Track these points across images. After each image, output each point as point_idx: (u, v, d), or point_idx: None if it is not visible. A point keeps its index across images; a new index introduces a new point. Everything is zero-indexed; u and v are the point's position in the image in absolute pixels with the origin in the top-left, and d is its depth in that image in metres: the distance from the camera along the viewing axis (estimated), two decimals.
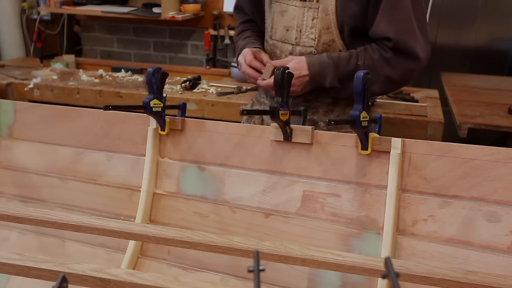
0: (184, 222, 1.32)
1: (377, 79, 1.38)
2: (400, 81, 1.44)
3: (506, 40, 3.25)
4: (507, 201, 1.05)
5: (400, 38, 1.35)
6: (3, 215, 0.97)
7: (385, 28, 1.36)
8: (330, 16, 1.41)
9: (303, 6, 1.45)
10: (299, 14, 1.46)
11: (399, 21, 1.36)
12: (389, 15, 1.35)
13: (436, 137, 2.06)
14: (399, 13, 1.35)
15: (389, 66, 1.39)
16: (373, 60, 1.39)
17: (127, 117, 1.40)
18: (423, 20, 1.40)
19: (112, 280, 0.74)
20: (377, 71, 1.37)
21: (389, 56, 1.38)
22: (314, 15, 1.43)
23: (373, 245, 1.15)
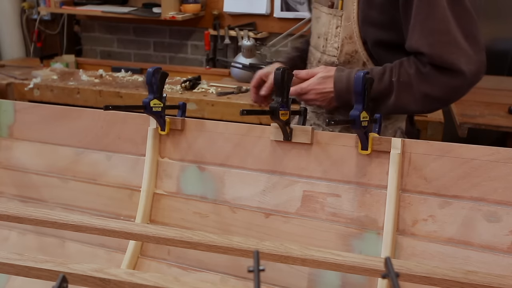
0: (184, 222, 1.32)
1: (414, 97, 1.23)
2: (443, 99, 1.25)
3: (506, 40, 3.25)
4: (507, 201, 1.05)
5: (435, 53, 1.18)
6: (3, 215, 0.97)
7: (418, 42, 1.20)
8: (352, 25, 1.32)
9: (330, 13, 1.37)
10: (326, 22, 1.39)
11: (434, 33, 1.18)
12: (421, 26, 1.18)
13: (436, 137, 2.06)
14: (433, 23, 1.18)
15: (427, 82, 1.21)
16: (409, 75, 1.23)
17: (127, 117, 1.40)
18: (468, 25, 1.20)
19: (112, 280, 0.74)
20: (413, 88, 1.23)
21: (427, 71, 1.21)
22: (338, 23, 1.35)
23: (373, 245, 1.15)
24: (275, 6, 3.26)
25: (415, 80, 1.22)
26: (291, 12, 3.24)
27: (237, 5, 3.32)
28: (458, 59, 1.17)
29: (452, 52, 1.18)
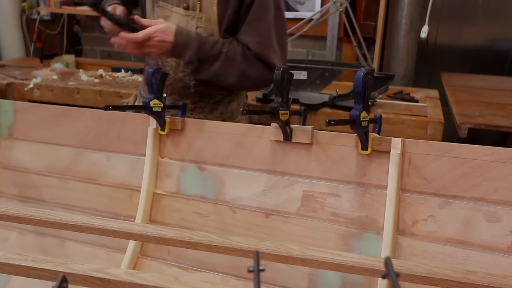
0: (184, 222, 1.32)
1: (234, 70, 1.49)
2: (255, 81, 1.54)
3: (506, 40, 3.25)
4: (507, 201, 1.05)
5: (258, 50, 1.48)
6: (3, 215, 0.97)
7: (247, 38, 1.48)
8: (213, 25, 1.51)
9: (187, 15, 1.52)
10: (182, 22, 1.52)
11: (260, 34, 1.49)
12: (253, 27, 1.48)
13: (436, 137, 2.06)
14: (262, 27, 1.48)
15: (247, 63, 1.48)
16: (235, 52, 1.47)
17: (127, 117, 1.40)
18: (282, 35, 1.55)
19: (112, 280, 0.74)
20: (236, 63, 1.47)
21: (249, 56, 1.49)
22: (197, 24, 1.51)
23: (373, 245, 1.15)
24: None
25: (239, 57, 1.48)
26: (291, 12, 3.24)
27: None
28: (274, 58, 1.49)
29: (270, 52, 1.49)
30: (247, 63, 1.49)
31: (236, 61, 1.48)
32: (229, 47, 1.48)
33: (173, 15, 1.54)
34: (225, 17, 1.50)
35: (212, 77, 1.52)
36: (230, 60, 1.47)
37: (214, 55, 1.46)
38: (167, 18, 1.55)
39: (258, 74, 1.51)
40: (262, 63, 1.49)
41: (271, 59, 1.49)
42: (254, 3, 1.47)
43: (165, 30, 1.42)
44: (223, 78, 1.51)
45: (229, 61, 1.47)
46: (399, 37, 2.93)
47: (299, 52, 3.41)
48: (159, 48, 1.43)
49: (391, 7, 2.98)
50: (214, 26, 1.52)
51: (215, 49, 1.47)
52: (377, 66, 3.00)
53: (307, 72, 2.28)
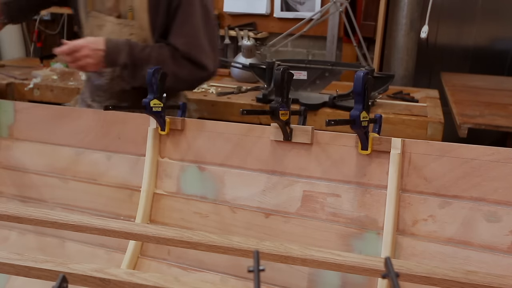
0: (184, 222, 1.32)
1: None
2: (189, 81, 1.61)
3: (506, 40, 3.24)
4: (507, 201, 1.05)
5: (186, 50, 1.54)
6: (3, 215, 0.97)
7: (176, 40, 1.55)
8: (146, 32, 1.57)
9: (119, 23, 1.58)
10: (115, 30, 1.57)
11: (188, 35, 1.55)
12: (180, 29, 1.55)
13: (436, 137, 2.06)
14: (188, 28, 1.55)
15: (177, 65, 1.54)
16: (164, 56, 1.54)
17: (127, 117, 1.40)
18: (212, 35, 1.62)
19: (112, 280, 0.74)
20: (166, 66, 1.49)
21: (178, 58, 1.55)
22: (131, 31, 1.57)
23: (373, 245, 1.15)
24: (275, 6, 3.26)
25: (168, 60, 1.53)
26: (291, 12, 3.24)
27: (237, 5, 3.32)
28: (203, 58, 1.55)
29: (198, 52, 1.55)
30: (177, 65, 1.54)
31: (166, 64, 1.52)
32: (158, 51, 1.54)
33: (106, 24, 1.59)
34: (157, 23, 1.56)
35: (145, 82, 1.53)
36: (160, 63, 1.50)
37: (145, 59, 1.51)
38: (101, 27, 1.60)
39: (189, 75, 1.57)
40: (192, 63, 1.55)
41: (200, 59, 1.55)
42: (181, 6, 1.53)
43: (94, 41, 1.49)
44: None
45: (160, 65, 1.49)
46: (399, 37, 2.92)
47: (299, 52, 3.41)
48: (94, 58, 1.47)
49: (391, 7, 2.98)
50: (147, 33, 1.57)
51: (144, 53, 1.52)
52: (377, 66, 3.00)
53: (307, 72, 2.28)
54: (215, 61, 1.60)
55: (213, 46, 1.60)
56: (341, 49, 3.27)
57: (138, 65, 1.52)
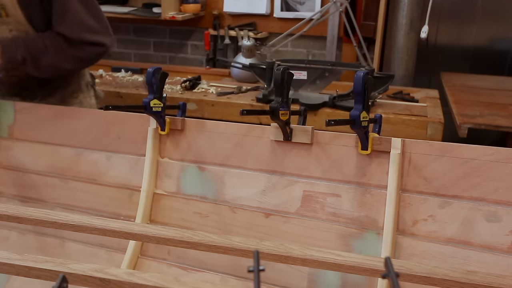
0: (184, 222, 1.32)
1: (66, 57, 1.57)
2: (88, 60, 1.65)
3: (506, 40, 3.24)
4: (507, 201, 1.05)
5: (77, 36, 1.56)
6: (3, 215, 0.97)
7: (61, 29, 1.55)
8: (25, 26, 1.56)
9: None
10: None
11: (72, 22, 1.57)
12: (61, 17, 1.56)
13: (436, 137, 2.06)
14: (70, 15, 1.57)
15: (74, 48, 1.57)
16: (59, 42, 1.55)
17: (127, 117, 1.40)
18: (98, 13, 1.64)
19: (112, 280, 0.74)
20: (64, 51, 1.55)
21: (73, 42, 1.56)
22: (9, 28, 1.56)
23: (373, 245, 1.15)
24: (275, 6, 3.26)
25: (64, 45, 1.55)
26: (291, 12, 3.24)
27: (237, 5, 3.32)
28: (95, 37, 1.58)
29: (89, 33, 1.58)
30: (75, 48, 1.57)
31: (63, 49, 1.55)
32: (51, 39, 1.55)
33: None
34: (34, 16, 1.56)
35: (51, 71, 1.58)
36: (58, 49, 1.55)
37: (42, 48, 1.53)
38: None
39: (88, 54, 1.60)
40: (87, 44, 1.58)
41: (93, 39, 1.59)
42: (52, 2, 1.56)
43: None
44: (60, 67, 1.59)
45: (58, 50, 1.55)
46: (399, 37, 2.92)
47: (299, 52, 3.41)
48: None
49: (391, 7, 2.98)
50: (27, 27, 1.57)
51: (38, 43, 1.54)
52: (377, 66, 3.00)
53: (307, 72, 2.28)
54: (109, 35, 1.64)
55: (100, 21, 1.64)
56: (341, 49, 3.27)
57: (36, 56, 1.53)
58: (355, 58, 3.12)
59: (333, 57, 3.24)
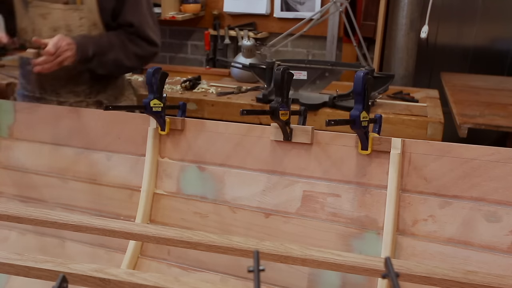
0: (184, 222, 1.32)
1: (127, 54, 1.68)
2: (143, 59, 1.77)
3: (506, 40, 3.24)
4: (507, 201, 1.05)
5: (141, 28, 1.70)
6: (3, 215, 0.97)
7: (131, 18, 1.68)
8: (95, 15, 1.65)
9: (68, 9, 1.64)
10: (64, 16, 1.64)
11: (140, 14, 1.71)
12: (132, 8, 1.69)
13: (436, 137, 2.06)
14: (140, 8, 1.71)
15: (135, 45, 1.70)
16: (122, 40, 1.68)
17: (127, 117, 1.40)
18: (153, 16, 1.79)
19: (112, 280, 0.74)
20: (127, 48, 1.68)
21: (134, 38, 1.70)
22: (80, 15, 1.64)
23: (373, 245, 1.15)
24: (275, 6, 3.26)
25: (127, 42, 1.68)
26: (291, 12, 3.24)
27: (237, 5, 3.32)
28: (152, 35, 1.73)
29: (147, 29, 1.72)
30: (135, 45, 1.70)
31: (126, 46, 1.68)
32: (116, 36, 1.67)
33: (53, 11, 1.63)
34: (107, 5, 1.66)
35: (112, 66, 1.69)
36: (121, 46, 1.67)
37: (108, 45, 1.64)
38: (46, 15, 1.63)
39: (145, 52, 1.74)
40: (145, 41, 1.72)
41: (150, 35, 1.73)
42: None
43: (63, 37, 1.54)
44: (120, 64, 1.69)
45: (121, 48, 1.67)
46: (399, 37, 2.93)
47: (299, 52, 3.42)
48: (71, 50, 1.54)
49: (391, 7, 2.98)
50: (96, 16, 1.65)
51: (105, 40, 1.65)
52: (377, 66, 3.00)
53: (307, 72, 2.28)
54: (159, 37, 1.78)
55: (156, 24, 1.79)
56: (341, 49, 3.27)
57: (103, 52, 1.63)
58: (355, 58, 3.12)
59: (333, 57, 3.24)
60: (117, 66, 1.69)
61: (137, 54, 1.71)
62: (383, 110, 2.18)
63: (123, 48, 1.67)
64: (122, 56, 1.67)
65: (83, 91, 1.74)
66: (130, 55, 1.69)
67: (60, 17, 1.63)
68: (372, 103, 2.22)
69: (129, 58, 1.69)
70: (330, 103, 2.18)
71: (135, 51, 1.70)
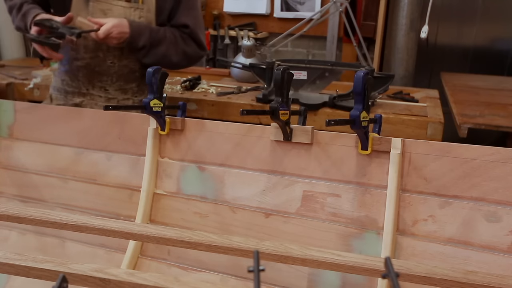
0: (184, 222, 1.32)
1: (177, 51, 1.79)
2: (192, 59, 1.87)
3: (506, 40, 3.24)
4: (507, 201, 1.05)
5: (194, 29, 1.82)
6: (3, 215, 0.97)
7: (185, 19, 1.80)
8: (152, 15, 1.76)
9: (130, 7, 1.74)
10: (125, 13, 1.72)
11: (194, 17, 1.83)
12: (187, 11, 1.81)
13: (436, 137, 2.06)
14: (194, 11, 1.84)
15: (186, 43, 1.81)
16: (175, 36, 1.78)
17: (127, 117, 1.40)
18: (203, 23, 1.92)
19: (112, 280, 0.74)
20: (178, 45, 1.79)
21: (186, 37, 1.81)
22: (140, 14, 1.74)
23: (373, 245, 1.15)
24: (275, 6, 3.26)
25: (179, 39, 1.79)
26: (291, 12, 3.24)
27: (237, 5, 3.32)
28: (202, 38, 1.86)
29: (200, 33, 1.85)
30: (186, 43, 1.81)
31: (178, 42, 1.78)
32: (170, 32, 1.77)
33: (114, 8, 1.71)
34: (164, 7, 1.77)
35: (158, 59, 1.75)
36: (173, 42, 1.77)
37: (161, 39, 1.73)
38: (107, 11, 1.71)
39: (194, 53, 1.84)
40: (195, 42, 1.83)
41: (201, 39, 1.85)
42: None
43: (120, 24, 1.63)
44: (168, 58, 1.78)
45: (173, 43, 1.77)
46: (399, 37, 2.92)
47: (299, 52, 3.41)
48: (118, 39, 1.64)
49: (391, 7, 2.98)
50: (152, 16, 1.76)
51: (160, 33, 1.74)
52: (377, 66, 3.00)
53: (307, 72, 2.28)
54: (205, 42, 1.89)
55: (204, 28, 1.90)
56: (341, 49, 3.27)
57: (154, 45, 1.73)
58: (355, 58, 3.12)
59: (333, 57, 3.24)
60: (164, 59, 1.76)
61: (186, 52, 1.80)
62: (383, 110, 2.17)
63: (175, 44, 1.76)
64: (172, 52, 1.76)
65: (131, 89, 1.82)
66: (179, 52, 1.78)
67: (120, 14, 1.71)
68: (372, 103, 2.22)
69: (177, 54, 1.78)
70: (330, 103, 2.18)
71: (185, 49, 1.80)
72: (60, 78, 1.86)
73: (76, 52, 1.76)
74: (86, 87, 1.79)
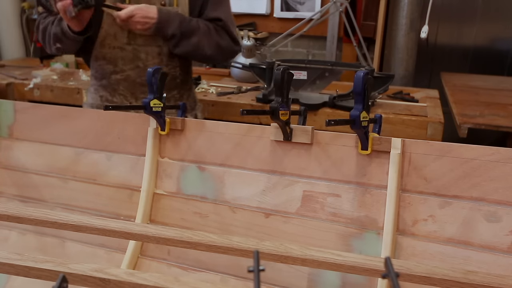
0: (184, 222, 1.32)
1: (210, 42, 1.72)
2: (225, 52, 1.79)
3: (506, 40, 3.25)
4: (507, 201, 1.05)
5: (228, 22, 1.76)
6: (3, 215, 0.97)
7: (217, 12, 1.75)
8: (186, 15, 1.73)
9: None
10: None
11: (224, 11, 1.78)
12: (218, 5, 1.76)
13: (436, 137, 2.06)
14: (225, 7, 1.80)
15: (220, 36, 1.74)
16: (209, 28, 1.72)
17: (127, 117, 1.40)
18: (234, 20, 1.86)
19: (112, 280, 0.74)
20: (212, 37, 1.72)
21: (220, 30, 1.75)
22: None
23: (373, 245, 1.15)
24: (275, 6, 3.27)
25: (213, 30, 1.73)
26: (291, 12, 3.24)
27: (237, 5, 3.31)
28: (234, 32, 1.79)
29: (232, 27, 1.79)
30: (220, 36, 1.74)
31: (212, 34, 1.71)
32: (204, 22, 1.71)
33: None
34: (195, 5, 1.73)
35: (191, 50, 1.71)
36: (206, 33, 1.70)
37: (193, 29, 1.67)
38: None
39: (228, 46, 1.77)
40: (229, 36, 1.77)
41: (234, 33, 1.78)
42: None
43: (146, 8, 1.59)
44: (201, 50, 1.71)
45: (206, 34, 1.70)
46: (399, 37, 2.93)
47: (299, 52, 3.42)
48: (142, 24, 1.59)
49: (391, 7, 2.98)
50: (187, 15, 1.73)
51: (193, 23, 1.68)
52: (377, 66, 3.00)
53: (307, 72, 2.28)
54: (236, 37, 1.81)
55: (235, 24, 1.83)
56: (341, 49, 3.27)
57: (186, 34, 1.67)
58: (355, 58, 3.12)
59: (333, 57, 3.24)
60: (197, 51, 1.71)
61: (220, 45, 1.74)
62: (383, 110, 2.18)
63: (208, 36, 1.70)
64: (205, 43, 1.70)
65: (173, 97, 1.78)
66: (213, 44, 1.72)
67: None
68: (372, 103, 2.22)
69: (210, 46, 1.72)
70: (330, 103, 2.18)
71: (218, 41, 1.73)
72: (97, 94, 1.80)
73: (114, 66, 1.71)
74: (129, 100, 1.75)
